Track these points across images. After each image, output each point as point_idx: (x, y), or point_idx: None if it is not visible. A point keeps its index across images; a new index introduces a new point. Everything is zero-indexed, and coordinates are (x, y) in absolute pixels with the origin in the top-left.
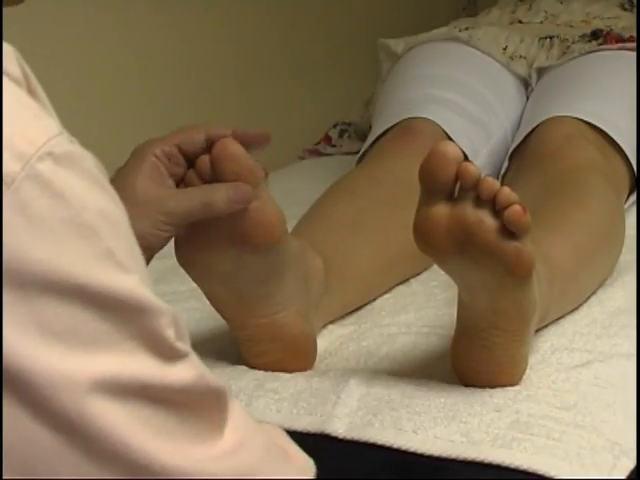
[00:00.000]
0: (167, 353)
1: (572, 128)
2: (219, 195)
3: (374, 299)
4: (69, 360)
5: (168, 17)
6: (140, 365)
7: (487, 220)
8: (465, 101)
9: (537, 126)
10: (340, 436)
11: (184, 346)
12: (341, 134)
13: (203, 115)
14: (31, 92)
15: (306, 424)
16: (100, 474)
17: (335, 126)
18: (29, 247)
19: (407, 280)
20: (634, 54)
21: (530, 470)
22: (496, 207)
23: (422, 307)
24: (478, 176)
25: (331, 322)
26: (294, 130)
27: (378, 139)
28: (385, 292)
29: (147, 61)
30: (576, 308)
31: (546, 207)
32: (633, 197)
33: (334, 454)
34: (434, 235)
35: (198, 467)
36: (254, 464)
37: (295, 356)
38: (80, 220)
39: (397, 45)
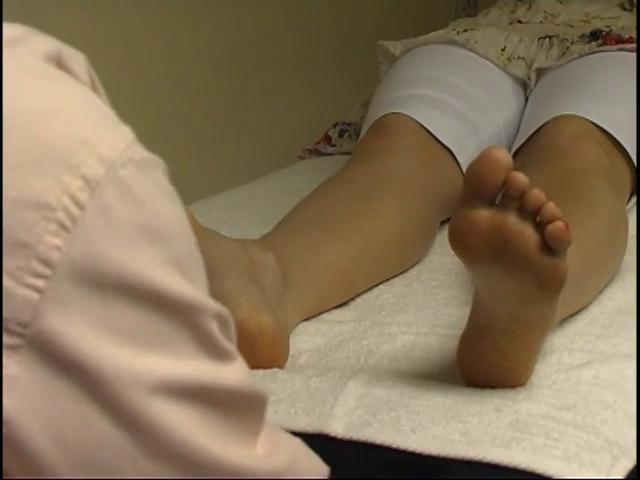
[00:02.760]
0: (221, 355)
1: (581, 128)
2: None
3: (371, 292)
4: (138, 360)
5: (167, 16)
6: (199, 367)
7: (528, 232)
8: (450, 99)
9: (544, 125)
10: (338, 436)
11: (232, 347)
12: (341, 134)
13: (203, 115)
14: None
15: (304, 425)
16: (159, 472)
17: (335, 126)
18: (109, 250)
19: (404, 275)
20: (634, 55)
21: (529, 469)
22: (539, 220)
23: (422, 307)
24: (526, 186)
25: (330, 318)
26: (294, 130)
27: None
28: (379, 283)
29: (146, 61)
30: None
31: None
32: (634, 199)
33: (332, 454)
34: (471, 238)
35: (253, 464)
36: (289, 464)
37: (263, 349)
38: (154, 226)
39: (395, 47)
